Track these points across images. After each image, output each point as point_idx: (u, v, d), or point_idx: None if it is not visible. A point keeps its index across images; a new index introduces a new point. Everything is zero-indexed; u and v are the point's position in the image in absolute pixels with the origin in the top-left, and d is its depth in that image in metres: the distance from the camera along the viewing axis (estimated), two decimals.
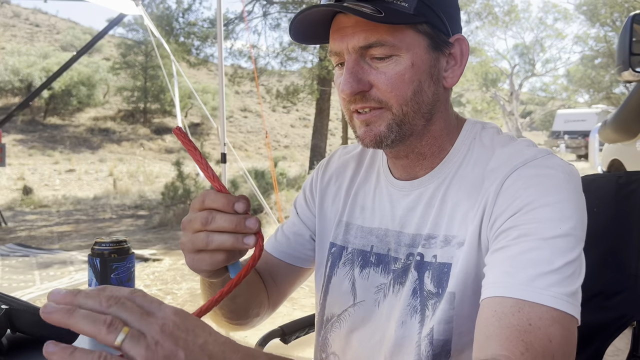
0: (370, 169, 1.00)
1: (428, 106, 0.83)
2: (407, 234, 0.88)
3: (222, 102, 3.12)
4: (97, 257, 1.05)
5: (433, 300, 0.81)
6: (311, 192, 1.07)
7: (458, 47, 0.85)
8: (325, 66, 12.35)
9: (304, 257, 1.05)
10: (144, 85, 25.41)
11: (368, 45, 0.79)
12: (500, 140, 0.86)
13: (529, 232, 0.71)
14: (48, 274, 4.76)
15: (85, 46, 5.39)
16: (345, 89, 0.80)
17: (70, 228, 7.34)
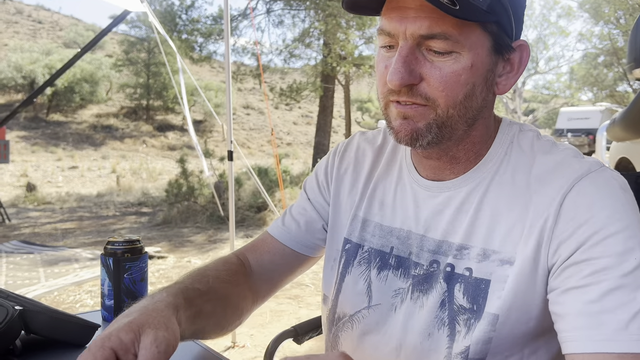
0: (392, 162, 0.93)
1: (474, 112, 0.77)
2: (432, 239, 0.83)
3: (228, 99, 3.10)
4: (110, 256, 1.04)
5: (465, 316, 0.77)
6: (326, 178, 1.00)
7: (518, 53, 0.79)
8: (329, 63, 12.32)
9: (313, 246, 1.00)
10: (147, 82, 25.41)
11: (430, 35, 0.71)
12: (541, 145, 0.80)
13: (605, 268, 0.67)
14: (53, 271, 4.75)
15: (89, 43, 5.37)
16: (394, 80, 0.72)
17: (74, 225, 7.34)
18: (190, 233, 6.69)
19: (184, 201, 7.73)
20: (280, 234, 1.00)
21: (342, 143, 1.02)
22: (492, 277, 0.75)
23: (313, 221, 0.99)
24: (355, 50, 12.87)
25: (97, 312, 1.08)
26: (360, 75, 14.31)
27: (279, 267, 0.99)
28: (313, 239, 0.99)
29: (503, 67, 0.78)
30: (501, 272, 0.75)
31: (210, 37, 12.85)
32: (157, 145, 22.91)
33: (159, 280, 4.47)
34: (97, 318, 1.05)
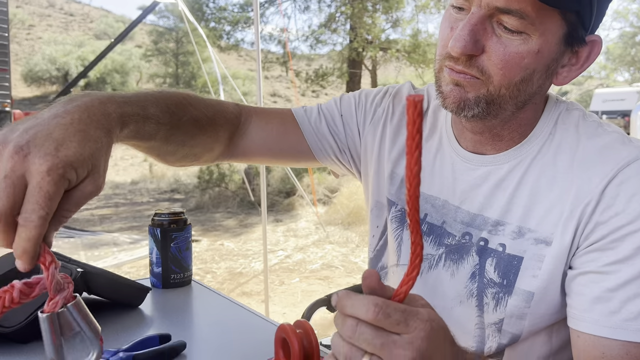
0: (433, 128, 0.92)
1: (527, 96, 0.75)
2: (467, 211, 0.83)
3: (259, 86, 3.17)
4: (158, 227, 1.13)
5: (494, 290, 0.79)
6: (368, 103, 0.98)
7: (588, 48, 0.75)
8: (354, 48, 12.27)
9: (320, 148, 0.98)
10: (176, 72, 25.71)
11: (507, 9, 0.67)
12: (587, 127, 0.78)
13: (626, 259, 0.69)
14: (93, 254, 4.95)
15: (121, 34, 5.53)
16: (456, 46, 0.69)
17: (110, 211, 7.59)
18: (222, 218, 6.85)
19: (215, 187, 7.90)
20: (300, 116, 0.98)
21: (394, 87, 1.00)
22: (526, 254, 0.76)
23: (340, 134, 0.98)
24: (382, 34, 12.77)
25: (146, 280, 1.17)
26: (387, 60, 14.19)
27: (278, 140, 0.97)
28: (324, 141, 0.98)
29: (569, 59, 0.75)
30: (536, 250, 0.76)
31: (238, 25, 12.94)
32: None
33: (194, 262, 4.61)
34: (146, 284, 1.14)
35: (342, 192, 7.07)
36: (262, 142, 0.96)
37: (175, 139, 0.80)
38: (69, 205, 0.55)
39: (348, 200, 6.64)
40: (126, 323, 0.94)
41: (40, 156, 0.52)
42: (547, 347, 0.80)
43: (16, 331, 0.80)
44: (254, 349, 0.79)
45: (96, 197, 0.56)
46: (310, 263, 4.82)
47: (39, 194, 0.51)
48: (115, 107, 0.64)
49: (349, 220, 6.28)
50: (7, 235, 0.51)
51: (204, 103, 0.87)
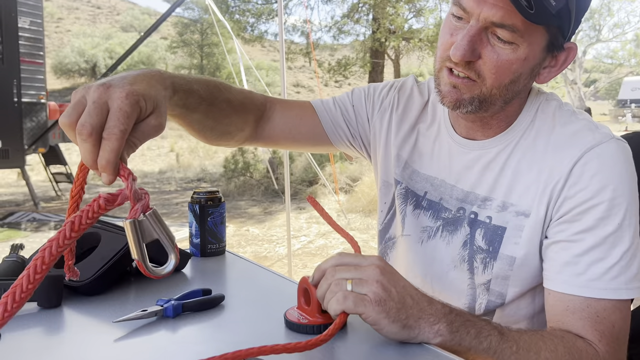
0: (434, 117, 1.05)
1: (514, 94, 0.87)
2: (461, 189, 0.96)
3: (283, 77, 3.31)
4: (196, 203, 1.29)
5: (482, 255, 0.92)
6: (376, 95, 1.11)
7: (565, 54, 0.87)
8: (377, 38, 12.29)
9: (336, 134, 1.10)
10: (201, 63, 25.98)
11: (501, 24, 0.79)
12: (562, 115, 0.90)
13: (589, 228, 0.82)
14: None
15: (151, 26, 5.71)
16: (457, 54, 0.81)
17: None
18: (247, 205, 7.04)
19: (240, 176, 8.10)
20: (318, 106, 1.11)
21: (399, 81, 1.13)
22: (508, 225, 0.90)
23: (352, 122, 1.11)
24: (405, 24, 12.75)
25: (186, 250, 1.33)
26: (410, 49, 14.16)
27: (298, 126, 1.10)
28: (338, 128, 1.11)
29: (549, 62, 0.88)
30: (516, 221, 0.89)
31: (261, 17, 13.08)
32: None
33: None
34: None
35: (363, 181, 7.19)
36: (284, 127, 1.09)
37: (213, 114, 0.93)
38: (138, 135, 0.65)
39: (369, 189, 6.77)
40: (173, 282, 1.08)
41: (119, 87, 0.63)
42: (531, 308, 0.94)
43: (86, 284, 0.96)
44: (280, 300, 0.94)
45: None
46: (332, 248, 4.98)
47: (119, 112, 0.61)
48: (168, 75, 0.76)
49: (370, 208, 6.41)
50: (94, 149, 0.61)
51: (235, 89, 1.02)
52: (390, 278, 0.72)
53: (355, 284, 0.71)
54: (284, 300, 0.92)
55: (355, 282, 0.71)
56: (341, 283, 0.71)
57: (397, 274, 0.74)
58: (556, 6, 0.77)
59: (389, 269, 0.73)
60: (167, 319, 0.86)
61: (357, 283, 0.71)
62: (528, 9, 0.75)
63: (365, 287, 0.70)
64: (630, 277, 0.81)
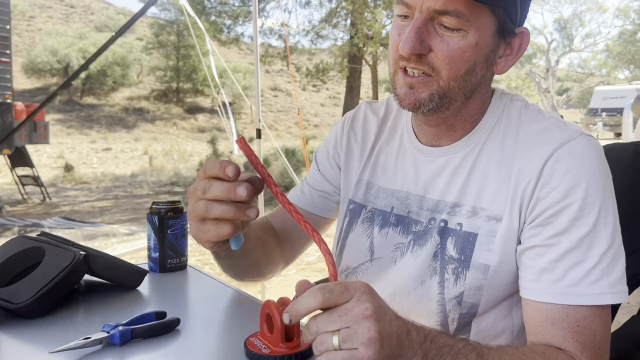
0: (394, 130, 1.02)
1: (473, 86, 0.85)
2: (431, 199, 0.92)
3: (257, 79, 3.23)
4: (155, 215, 1.19)
5: (454, 265, 0.87)
6: (335, 148, 1.09)
7: (519, 39, 0.86)
8: (355, 44, 12.30)
9: (330, 208, 1.10)
10: (177, 65, 25.70)
11: (444, 11, 0.78)
12: (528, 114, 0.88)
13: (564, 231, 0.78)
14: (93, 245, 4.99)
15: (122, 27, 5.54)
16: (405, 48, 0.79)
17: (110, 203, 7.66)
18: None
19: None
20: (298, 200, 1.11)
21: (350, 114, 1.11)
22: (480, 231, 0.85)
23: (325, 189, 1.10)
24: (383, 30, 12.80)
25: (144, 264, 1.23)
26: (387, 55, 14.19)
27: (301, 230, 1.08)
28: (328, 202, 1.10)
29: (504, 50, 0.86)
30: (488, 227, 0.85)
31: (238, 19, 12.97)
32: (187, 127, 23.29)
33: (192, 254, 4.69)
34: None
35: None
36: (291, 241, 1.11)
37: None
38: None
39: None
40: (125, 302, 1.00)
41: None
42: (509, 321, 0.89)
43: (24, 306, 0.86)
44: (242, 325, 0.86)
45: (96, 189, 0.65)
46: (307, 255, 4.90)
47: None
48: None
49: None
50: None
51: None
52: (379, 317, 0.61)
53: (342, 339, 0.59)
54: (247, 325, 0.85)
55: (343, 336, 0.60)
56: (326, 341, 0.60)
57: (384, 308, 0.64)
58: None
59: (376, 302, 0.62)
60: (113, 347, 0.78)
61: (344, 338, 0.59)
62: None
63: (355, 340, 0.59)
64: (614, 281, 0.77)
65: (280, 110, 27.02)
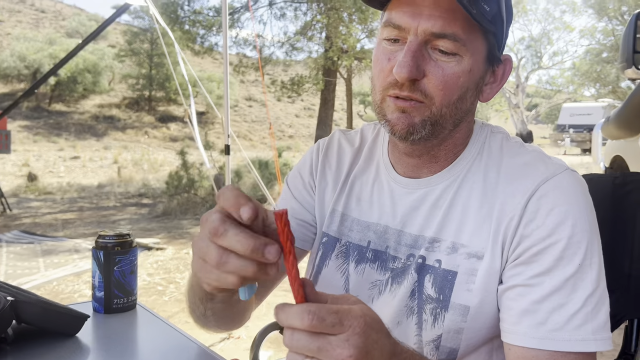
0: (369, 160, 0.97)
1: (462, 114, 0.81)
2: (409, 233, 0.86)
3: (226, 93, 3.13)
4: (101, 249, 1.08)
5: (432, 305, 0.81)
6: (311, 175, 1.01)
7: (503, 67, 0.84)
8: (330, 57, 12.31)
9: (307, 240, 1.00)
10: (149, 73, 25.37)
11: (442, 34, 0.74)
12: (509, 147, 0.85)
13: (548, 270, 0.74)
14: (52, 261, 4.80)
15: (91, 33, 5.39)
16: (402, 72, 0.74)
17: (74, 216, 7.39)
18: (190, 225, 6.74)
19: (184, 193, 7.78)
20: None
21: (324, 141, 1.04)
22: (459, 269, 0.80)
23: (303, 217, 1.00)
24: (357, 44, 12.85)
25: (88, 304, 1.12)
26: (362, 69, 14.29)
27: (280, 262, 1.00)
28: (307, 232, 1.00)
29: (489, 77, 0.83)
30: (468, 265, 0.79)
31: (212, 29, 12.85)
32: (158, 136, 22.93)
33: (157, 272, 4.52)
34: (88, 309, 1.09)
35: None
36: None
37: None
38: None
39: None
40: (62, 352, 0.89)
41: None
42: None
43: None
44: None
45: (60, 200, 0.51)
46: None
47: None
48: None
49: None
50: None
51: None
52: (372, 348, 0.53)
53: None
54: None
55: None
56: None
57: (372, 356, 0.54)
58: (490, 12, 0.75)
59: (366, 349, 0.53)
60: None
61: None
62: (471, 9, 0.72)
63: None
64: (598, 327, 0.72)
65: (254, 120, 26.88)
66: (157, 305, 3.71)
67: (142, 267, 4.60)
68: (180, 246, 5.54)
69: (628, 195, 1.14)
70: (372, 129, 1.00)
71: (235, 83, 24.54)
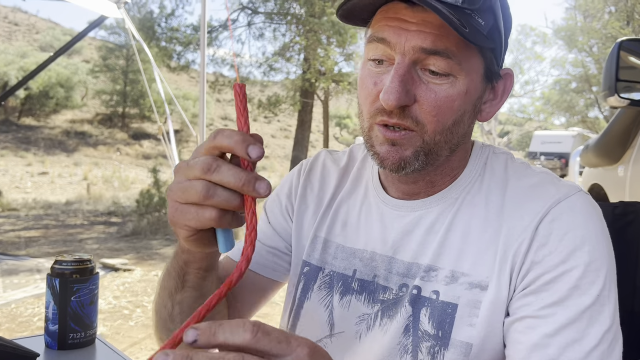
0: (357, 181, 0.89)
1: (459, 138, 0.74)
2: (402, 261, 0.78)
3: (202, 112, 3.04)
4: (57, 277, 0.96)
5: (429, 343, 0.73)
6: (289, 199, 0.93)
7: (503, 82, 0.78)
8: (307, 78, 12.33)
9: (279, 269, 0.92)
10: (124, 90, 25.06)
11: (433, 51, 0.67)
12: (515, 168, 0.78)
13: (562, 300, 0.67)
14: (12, 282, 4.55)
15: (63, 47, 5.22)
16: (390, 99, 0.67)
17: (38, 233, 7.09)
18: (160, 245, 6.52)
19: (154, 212, 7.56)
20: (252, 264, 0.90)
21: (307, 161, 0.96)
22: (460, 301, 0.72)
23: (275, 244, 0.92)
24: (335, 67, 12.93)
25: (39, 337, 0.99)
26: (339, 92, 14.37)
27: (249, 293, 0.91)
28: (279, 260, 0.92)
29: (488, 94, 0.77)
30: (470, 296, 0.72)
31: (189, 46, 12.76)
32: (131, 153, 22.52)
33: (124, 295, 4.32)
34: (40, 343, 0.97)
35: None
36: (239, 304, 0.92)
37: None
38: None
39: None
40: None
41: None
42: None
43: None
44: None
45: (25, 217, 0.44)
46: None
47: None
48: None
49: None
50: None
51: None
52: None
53: None
54: None
55: None
56: None
57: None
58: (485, 26, 0.69)
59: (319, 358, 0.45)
60: None
61: None
62: (462, 27, 0.64)
63: None
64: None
65: None
66: (122, 331, 3.52)
67: (107, 289, 4.39)
68: (149, 267, 5.33)
69: (629, 226, 1.08)
70: (362, 149, 0.91)
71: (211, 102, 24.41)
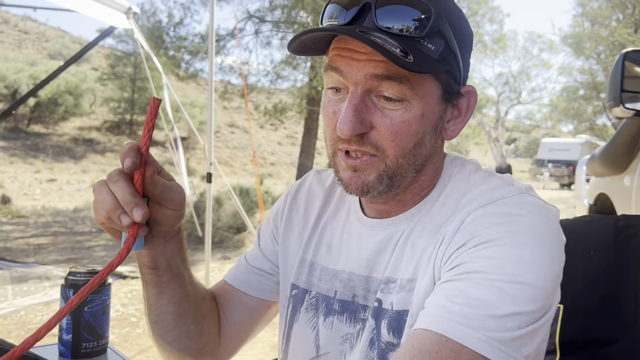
0: (341, 203, 0.91)
1: (423, 159, 0.75)
2: (377, 279, 0.79)
3: (210, 121, 3.07)
4: (71, 288, 0.99)
5: (393, 352, 0.73)
6: (275, 222, 0.96)
7: (466, 99, 0.78)
8: (314, 86, 12.39)
9: (267, 289, 0.95)
10: (132, 97, 25.25)
11: (386, 76, 0.68)
12: (477, 178, 0.78)
13: (477, 270, 0.63)
14: (22, 289, 4.59)
15: (73, 56, 5.31)
16: (345, 129, 0.69)
17: (47, 240, 7.15)
18: None
19: None
20: (234, 279, 0.96)
21: (296, 184, 0.99)
22: (411, 306, 0.72)
23: (261, 265, 0.95)
24: None
25: (53, 346, 1.02)
26: None
27: (239, 312, 0.94)
28: (267, 281, 0.95)
29: (451, 113, 0.77)
30: (412, 298, 0.73)
31: (197, 55, 12.86)
32: None
33: (131, 302, 4.35)
34: (54, 353, 1.00)
35: None
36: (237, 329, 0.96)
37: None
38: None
39: None
40: None
41: None
42: None
43: None
44: None
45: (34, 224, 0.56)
46: None
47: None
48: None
49: None
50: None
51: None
52: None
53: None
54: None
55: None
56: None
57: None
58: (436, 51, 0.69)
59: None
60: None
61: None
62: (404, 59, 0.66)
63: None
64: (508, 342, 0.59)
65: (236, 147, 26.81)
66: (130, 339, 3.55)
67: (116, 296, 4.42)
68: None
69: (631, 240, 1.09)
70: None
71: (218, 109, 24.54)
